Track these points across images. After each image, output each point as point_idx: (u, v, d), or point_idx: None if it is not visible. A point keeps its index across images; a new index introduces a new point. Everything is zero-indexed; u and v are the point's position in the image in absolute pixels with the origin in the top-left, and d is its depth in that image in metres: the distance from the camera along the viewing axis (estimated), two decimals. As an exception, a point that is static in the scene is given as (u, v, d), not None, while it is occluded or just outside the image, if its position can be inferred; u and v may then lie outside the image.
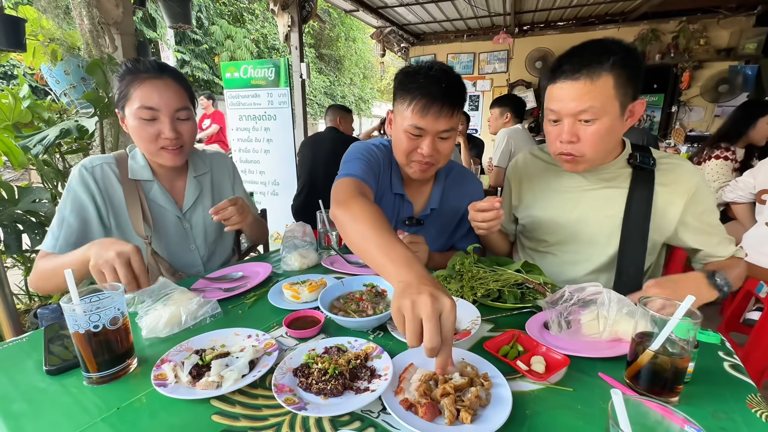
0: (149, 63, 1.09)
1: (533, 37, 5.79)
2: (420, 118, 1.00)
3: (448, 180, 1.28)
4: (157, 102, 1.05)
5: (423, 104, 0.99)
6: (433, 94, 0.98)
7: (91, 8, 1.83)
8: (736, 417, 0.56)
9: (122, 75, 1.07)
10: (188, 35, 10.27)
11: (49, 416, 0.57)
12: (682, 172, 1.03)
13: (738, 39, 4.76)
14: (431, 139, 1.03)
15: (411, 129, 1.03)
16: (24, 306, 2.07)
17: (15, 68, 6.71)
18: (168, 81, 1.08)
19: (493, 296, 0.90)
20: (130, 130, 1.09)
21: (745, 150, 2.59)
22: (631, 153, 1.06)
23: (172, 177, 1.22)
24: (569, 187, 1.12)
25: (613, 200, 1.06)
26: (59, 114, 2.09)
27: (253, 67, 3.31)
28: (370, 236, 0.73)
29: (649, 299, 0.63)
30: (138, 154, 1.17)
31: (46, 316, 1.13)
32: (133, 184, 1.14)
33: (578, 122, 0.94)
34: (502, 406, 0.56)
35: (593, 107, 0.90)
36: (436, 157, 1.07)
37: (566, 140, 0.96)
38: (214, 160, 1.33)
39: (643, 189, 1.03)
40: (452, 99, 1.00)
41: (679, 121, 5.23)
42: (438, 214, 1.26)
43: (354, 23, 13.81)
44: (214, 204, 1.27)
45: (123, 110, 1.09)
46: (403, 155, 1.10)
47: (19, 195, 1.77)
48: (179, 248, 1.21)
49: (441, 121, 1.01)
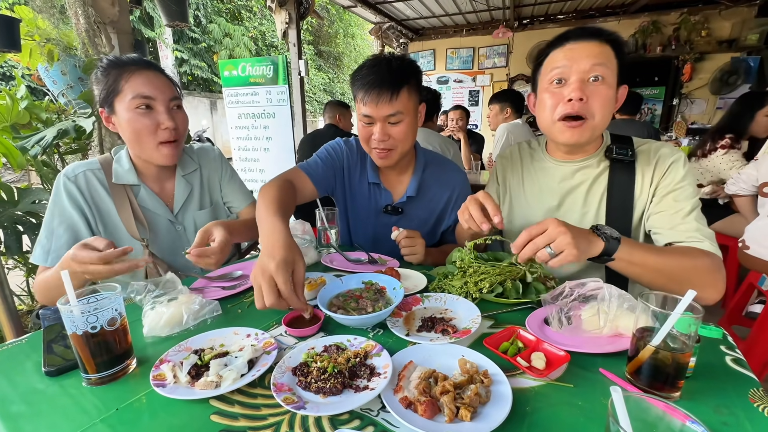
0: (133, 57, 1.08)
1: (533, 30, 5.76)
2: (364, 106, 1.11)
3: (428, 170, 1.31)
4: (152, 90, 1.04)
5: (364, 92, 1.09)
6: (371, 83, 1.08)
7: (86, 7, 1.82)
8: (738, 412, 0.56)
9: (106, 70, 1.04)
10: (186, 34, 10.24)
11: (48, 417, 0.57)
12: (659, 155, 0.99)
13: (740, 30, 4.73)
14: (381, 125, 1.12)
15: (362, 118, 1.14)
16: (26, 307, 2.08)
17: (13, 69, 6.70)
18: (156, 73, 1.08)
19: (497, 291, 0.90)
20: (121, 127, 1.06)
21: (748, 142, 2.57)
22: (608, 146, 1.04)
23: (160, 178, 1.19)
24: (551, 182, 1.11)
25: (595, 195, 1.05)
26: (57, 114, 2.08)
27: (252, 65, 3.29)
28: (260, 214, 0.93)
29: (648, 294, 0.62)
30: (123, 157, 1.14)
31: (48, 316, 1.12)
32: (121, 188, 1.12)
33: (587, 81, 0.92)
34: (502, 403, 0.56)
35: (605, 64, 0.91)
36: (390, 142, 1.14)
37: (576, 97, 0.91)
38: (201, 155, 1.29)
39: (622, 181, 1.01)
40: (391, 84, 1.07)
41: (681, 113, 5.21)
42: (417, 203, 1.30)
43: (352, 19, 13.75)
44: (203, 202, 1.25)
45: (112, 106, 1.05)
46: (364, 144, 1.20)
47: (18, 196, 1.77)
48: (174, 251, 1.20)
49: (382, 105, 1.08)
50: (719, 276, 0.84)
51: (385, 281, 0.92)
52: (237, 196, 1.33)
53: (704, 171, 2.64)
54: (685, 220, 0.92)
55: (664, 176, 0.97)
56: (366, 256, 1.19)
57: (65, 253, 0.88)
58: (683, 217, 0.93)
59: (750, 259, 1.96)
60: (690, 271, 0.84)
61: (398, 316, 0.83)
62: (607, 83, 0.92)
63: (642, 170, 1.00)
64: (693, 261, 0.85)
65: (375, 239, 1.36)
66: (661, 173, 0.97)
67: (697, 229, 0.91)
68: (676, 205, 0.94)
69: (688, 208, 0.93)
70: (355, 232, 1.41)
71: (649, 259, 0.83)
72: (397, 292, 0.86)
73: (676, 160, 0.97)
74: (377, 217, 1.35)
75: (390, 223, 1.31)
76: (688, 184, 0.95)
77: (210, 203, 1.28)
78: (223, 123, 9.77)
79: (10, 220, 1.68)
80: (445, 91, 6.54)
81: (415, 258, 1.14)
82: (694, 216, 0.93)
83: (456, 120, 3.60)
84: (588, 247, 0.78)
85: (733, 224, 2.37)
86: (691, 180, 0.96)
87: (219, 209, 1.31)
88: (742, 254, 2.02)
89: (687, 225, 0.92)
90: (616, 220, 1.01)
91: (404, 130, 1.14)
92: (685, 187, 0.95)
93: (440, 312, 0.85)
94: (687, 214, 0.93)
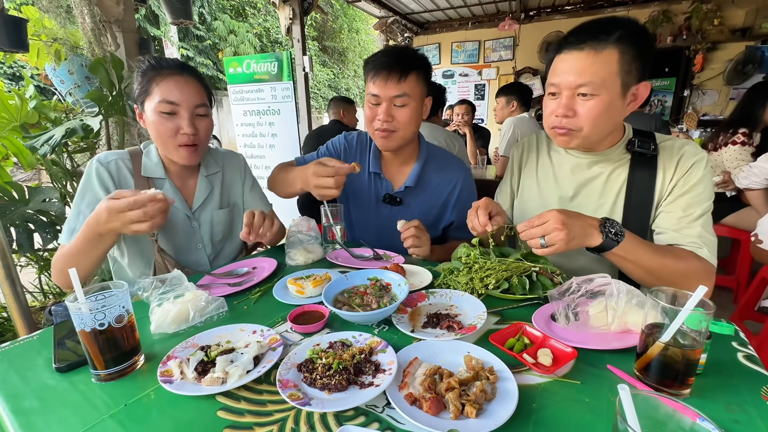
0: (171, 61, 1.12)
1: (540, 22, 5.66)
2: (373, 85, 1.17)
3: (430, 163, 1.34)
4: (177, 97, 1.08)
5: (374, 72, 1.16)
6: (381, 64, 1.15)
7: (92, 6, 1.83)
8: (749, 409, 0.55)
9: (144, 71, 1.10)
10: (192, 31, 10.27)
11: (58, 413, 0.58)
12: (683, 153, 0.97)
13: (754, 18, 4.58)
14: (386, 105, 1.16)
15: (369, 98, 1.19)
16: (39, 303, 2.12)
17: (21, 69, 6.78)
18: (189, 78, 1.12)
19: (503, 287, 0.89)
20: (148, 126, 1.12)
21: (761, 134, 2.51)
22: (630, 139, 1.02)
23: (184, 175, 1.24)
24: (566, 172, 1.10)
25: (612, 189, 1.03)
26: (65, 114, 2.11)
27: (256, 62, 3.29)
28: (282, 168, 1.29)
29: (657, 290, 0.61)
30: (152, 151, 1.19)
31: (60, 312, 1.15)
32: (144, 181, 1.16)
33: (576, 96, 0.91)
34: (508, 399, 0.55)
35: (593, 82, 0.87)
36: (394, 124, 1.18)
37: (561, 114, 0.93)
38: (226, 159, 1.35)
39: (643, 176, 0.99)
40: (401, 66, 1.14)
41: (692, 105, 5.09)
42: (416, 194, 1.32)
43: (357, 14, 13.66)
44: (222, 203, 1.29)
45: (142, 105, 1.12)
46: (368, 125, 1.24)
47: (29, 195, 1.80)
48: (186, 246, 1.23)
49: (390, 85, 1.14)
50: (708, 284, 0.83)
51: (390, 277, 0.91)
52: (258, 204, 1.38)
53: (714, 165, 2.59)
54: (690, 225, 0.92)
55: (684, 175, 0.95)
56: (371, 253, 1.18)
57: (97, 208, 0.91)
58: (690, 222, 0.93)
59: (763, 254, 1.92)
60: (680, 275, 0.86)
61: (403, 313, 0.83)
62: (598, 97, 0.88)
63: (664, 166, 0.98)
64: (685, 266, 0.87)
65: (377, 230, 1.37)
66: (682, 171, 0.96)
67: (700, 236, 0.91)
68: (688, 209, 0.94)
69: (697, 213, 0.93)
70: (358, 223, 1.43)
71: (643, 258, 0.85)
72: (402, 288, 0.85)
73: (699, 161, 0.95)
74: (378, 207, 1.36)
75: (391, 214, 1.31)
76: (704, 188, 0.94)
77: (228, 204, 1.32)
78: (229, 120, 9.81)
79: (21, 219, 1.71)
80: (451, 85, 6.48)
81: (420, 251, 1.14)
82: (701, 222, 0.92)
83: (461, 115, 3.57)
84: (583, 242, 0.81)
85: (744, 218, 2.32)
86: (708, 183, 0.95)
87: (237, 211, 1.35)
88: (755, 248, 1.98)
89: (691, 230, 0.92)
90: (635, 214, 1.00)
91: (409, 115, 1.17)
92: (701, 191, 0.94)
93: (446, 308, 0.84)
94: (695, 219, 0.93)
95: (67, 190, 2.01)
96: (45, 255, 2.02)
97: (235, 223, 1.34)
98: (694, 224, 0.92)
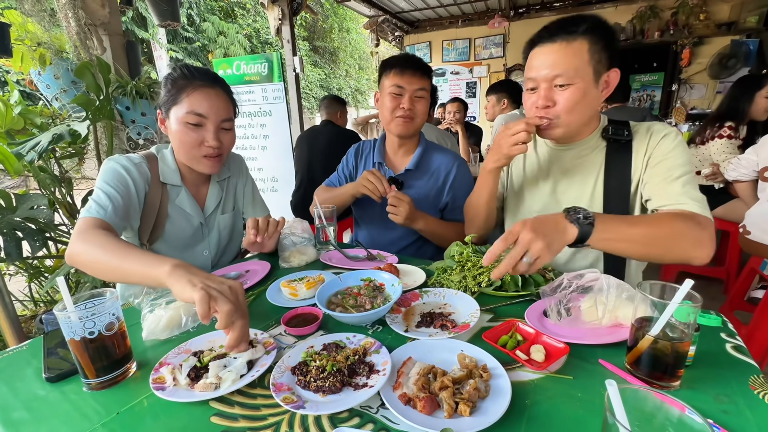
0: (204, 71, 1.10)
1: (530, 19, 5.68)
2: (400, 78, 1.33)
3: (429, 152, 1.48)
4: (206, 109, 1.06)
5: (400, 68, 1.34)
6: (408, 61, 1.35)
7: (76, 9, 1.80)
8: (738, 399, 0.56)
9: (175, 79, 1.07)
10: (180, 33, 10.16)
11: (49, 424, 0.57)
12: (652, 131, 1.00)
13: (739, 12, 4.65)
14: (409, 96, 1.34)
15: (393, 89, 1.34)
16: (30, 312, 2.09)
17: (5, 74, 6.66)
18: (219, 92, 1.10)
19: (495, 285, 0.90)
20: (171, 133, 1.10)
21: (747, 126, 2.54)
22: (605, 126, 1.05)
23: (198, 182, 1.22)
24: (550, 165, 1.13)
25: (591, 175, 1.05)
26: (52, 119, 2.08)
27: (246, 63, 3.26)
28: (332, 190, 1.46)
29: (646, 283, 0.62)
30: (168, 157, 1.17)
31: (51, 321, 1.13)
32: (158, 188, 1.13)
33: (554, 87, 0.95)
34: (501, 397, 0.56)
35: (567, 72, 0.92)
36: (414, 111, 1.36)
37: (542, 105, 0.97)
38: (233, 164, 1.34)
39: (619, 160, 1.02)
40: (421, 67, 1.35)
41: (680, 99, 5.16)
42: (417, 176, 1.45)
43: (347, 13, 13.61)
44: (227, 207, 1.29)
45: (167, 113, 1.09)
46: (388, 113, 1.37)
47: (17, 202, 1.76)
48: (192, 252, 1.21)
49: (414, 79, 1.33)
50: (704, 234, 0.82)
51: (384, 278, 0.92)
52: (258, 206, 1.38)
53: (702, 159, 2.62)
54: (671, 184, 0.93)
55: (656, 147, 0.98)
56: (365, 253, 1.18)
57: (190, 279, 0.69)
58: (671, 181, 0.93)
59: (751, 245, 1.95)
60: (671, 236, 0.82)
61: (397, 312, 0.83)
62: (574, 86, 0.93)
63: (637, 147, 1.01)
64: (672, 225, 0.83)
65: (382, 222, 1.40)
66: (654, 144, 0.98)
67: (684, 193, 0.90)
68: (666, 172, 0.95)
69: (677, 173, 0.93)
70: (363, 217, 1.52)
71: (626, 231, 0.81)
72: (396, 288, 0.85)
73: (668, 134, 0.98)
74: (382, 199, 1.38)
75: None
76: (679, 154, 0.96)
77: (232, 208, 1.32)
78: (221, 122, 9.67)
79: (9, 227, 1.68)
80: (442, 83, 6.49)
81: (396, 218, 1.24)
82: (682, 181, 0.92)
83: (453, 113, 3.57)
84: (562, 240, 0.76)
85: (733, 210, 2.36)
86: (683, 150, 0.96)
87: (238, 216, 1.35)
88: (744, 239, 2.01)
89: (673, 189, 0.92)
90: (615, 198, 1.02)
91: (424, 107, 1.38)
92: (676, 156, 0.95)
93: (439, 307, 0.85)
94: (675, 179, 0.93)
95: (55, 197, 1.98)
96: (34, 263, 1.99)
97: (236, 226, 1.34)
98: (674, 183, 0.93)
